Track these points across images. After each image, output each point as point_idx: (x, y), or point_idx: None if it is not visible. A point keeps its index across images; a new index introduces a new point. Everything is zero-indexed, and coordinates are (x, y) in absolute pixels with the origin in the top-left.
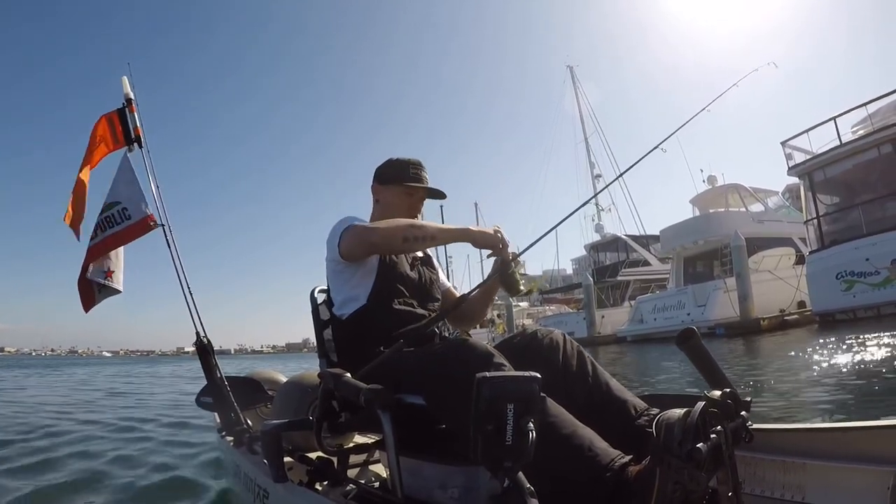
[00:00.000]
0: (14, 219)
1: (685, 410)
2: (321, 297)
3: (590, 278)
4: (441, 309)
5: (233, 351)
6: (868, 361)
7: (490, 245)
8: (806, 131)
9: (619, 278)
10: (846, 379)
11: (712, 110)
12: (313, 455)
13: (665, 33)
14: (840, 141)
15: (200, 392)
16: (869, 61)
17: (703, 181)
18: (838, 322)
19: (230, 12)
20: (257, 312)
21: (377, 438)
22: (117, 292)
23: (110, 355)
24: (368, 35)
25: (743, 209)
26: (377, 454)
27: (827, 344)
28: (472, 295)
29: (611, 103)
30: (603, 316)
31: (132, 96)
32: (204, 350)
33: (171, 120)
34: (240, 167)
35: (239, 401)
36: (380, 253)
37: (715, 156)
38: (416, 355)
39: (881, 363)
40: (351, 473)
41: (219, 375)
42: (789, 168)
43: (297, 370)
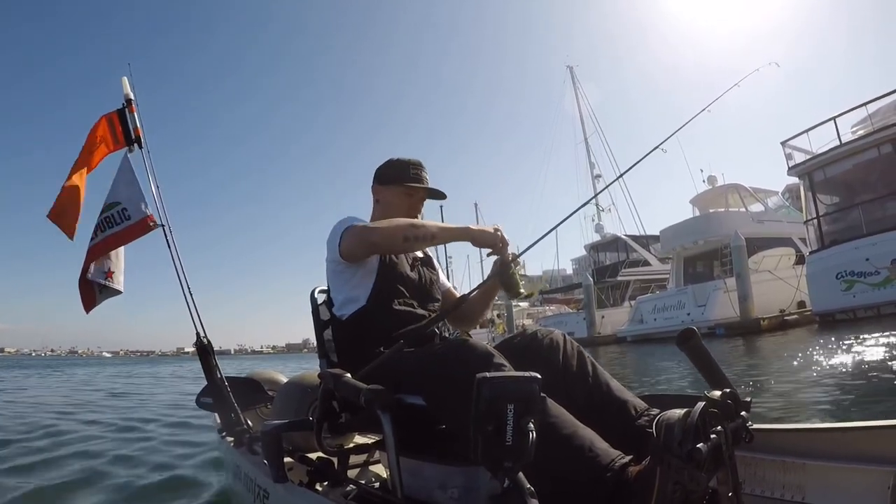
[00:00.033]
0: (14, 219)
1: (685, 410)
2: (321, 298)
3: (590, 278)
4: (441, 309)
5: (233, 351)
6: (868, 361)
7: (490, 244)
8: (806, 131)
9: (619, 278)
10: (846, 379)
11: (712, 110)
12: (313, 455)
13: (665, 33)
14: (840, 141)
15: (201, 392)
16: (869, 61)
17: (703, 181)
18: (838, 322)
19: (230, 12)
20: (257, 312)
21: (377, 439)
22: (118, 293)
23: (110, 356)
24: (368, 35)
25: (743, 209)
26: (377, 454)
27: (827, 344)
28: (472, 295)
29: (611, 103)
30: (603, 316)
31: (132, 96)
32: (204, 350)
33: (171, 120)
34: (240, 167)
35: (239, 401)
36: (380, 252)
37: (715, 156)
38: (417, 356)
39: (881, 363)
40: (351, 474)
41: (219, 376)
42: (789, 168)
43: (297, 370)
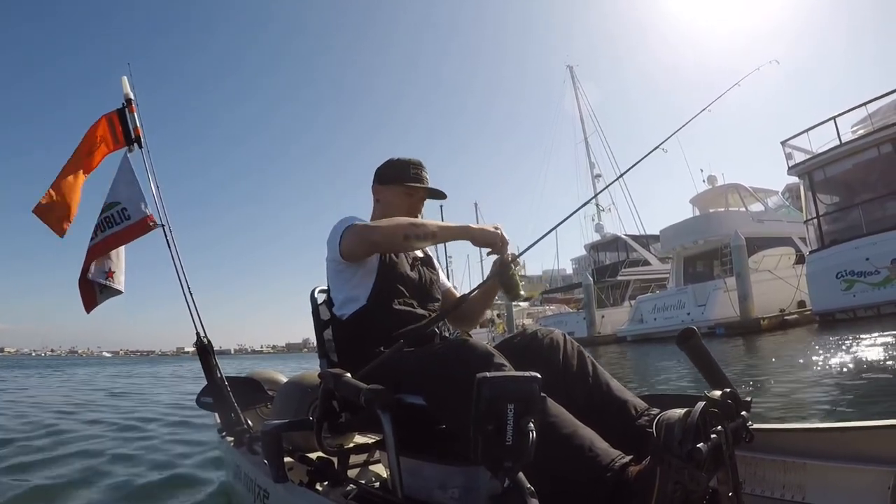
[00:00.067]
0: (14, 219)
1: (685, 410)
2: (321, 298)
3: (590, 278)
4: (441, 309)
5: (233, 351)
6: (868, 361)
7: (490, 243)
8: (806, 131)
9: (619, 278)
10: (846, 379)
11: (713, 110)
12: (313, 455)
13: (665, 33)
14: (840, 141)
15: (201, 392)
16: (869, 61)
17: (703, 181)
18: (838, 322)
19: (230, 12)
20: (257, 312)
21: (377, 438)
22: (119, 293)
23: (110, 355)
24: (368, 35)
25: (743, 209)
26: (377, 454)
27: (827, 344)
28: (472, 295)
29: (611, 103)
30: (603, 316)
31: (132, 96)
32: (204, 350)
33: (171, 120)
34: (240, 167)
35: (239, 401)
36: (381, 251)
37: (715, 156)
38: (417, 355)
39: (881, 363)
40: (351, 473)
41: (219, 375)
42: (789, 168)
43: (297, 370)
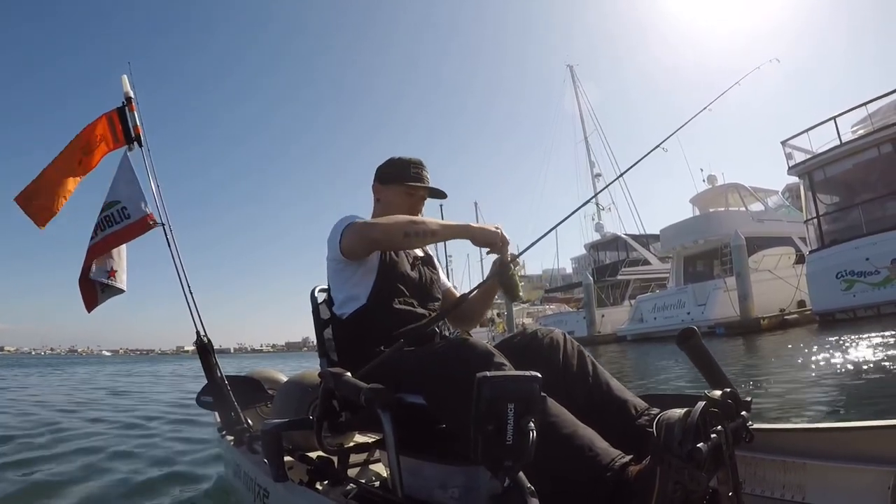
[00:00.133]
0: (14, 219)
1: (685, 410)
2: (321, 297)
3: (590, 277)
4: (441, 309)
5: (232, 350)
6: (868, 361)
7: (490, 242)
8: (806, 131)
9: (619, 277)
10: (846, 379)
11: (713, 109)
12: (314, 454)
13: (665, 33)
14: (840, 140)
15: (201, 391)
16: (869, 61)
17: (704, 180)
18: (838, 321)
19: (230, 12)
20: (257, 312)
21: (377, 438)
22: (121, 292)
23: (110, 354)
24: (368, 35)
25: (743, 209)
26: (377, 454)
27: (826, 343)
28: (472, 295)
29: (611, 103)
30: (603, 315)
31: (132, 95)
32: (204, 349)
33: (171, 120)
34: (240, 167)
35: (239, 400)
36: (381, 249)
37: (715, 155)
38: (417, 355)
39: (881, 363)
40: (351, 473)
41: (219, 374)
42: (789, 167)
43: (298, 369)
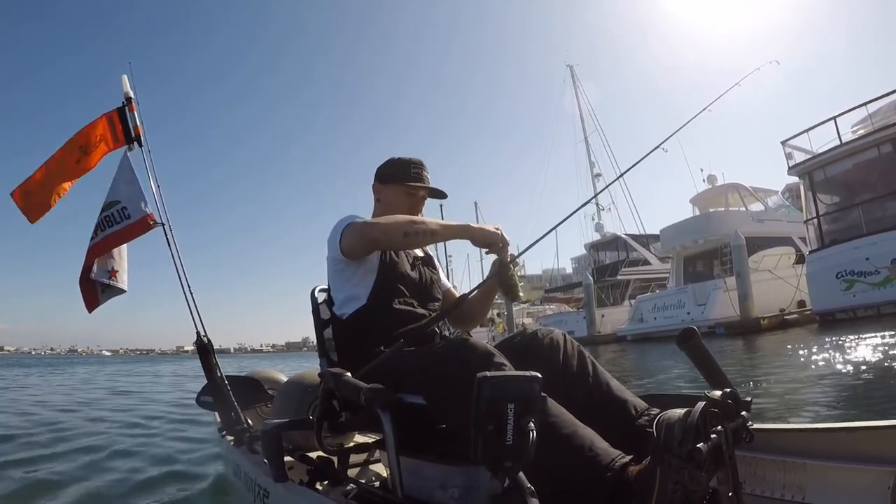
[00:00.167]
0: (14, 219)
1: (685, 410)
2: (322, 297)
3: (590, 277)
4: (441, 309)
5: (232, 350)
6: (867, 361)
7: (489, 242)
8: (806, 131)
9: (619, 277)
10: (845, 379)
11: (713, 110)
12: (314, 454)
13: (665, 33)
14: (840, 140)
15: (201, 391)
16: (869, 61)
17: (704, 180)
18: (838, 321)
19: (230, 12)
20: (257, 312)
21: (377, 438)
22: (122, 292)
23: (110, 354)
24: (368, 35)
25: (743, 209)
26: (377, 454)
27: (826, 344)
28: (472, 296)
29: (611, 103)
30: (603, 315)
31: (132, 95)
32: (204, 349)
33: (171, 120)
34: (240, 167)
35: (239, 400)
36: (381, 248)
37: (715, 155)
38: (417, 355)
39: (880, 363)
40: (351, 473)
41: (219, 375)
42: (789, 167)
43: (298, 369)
